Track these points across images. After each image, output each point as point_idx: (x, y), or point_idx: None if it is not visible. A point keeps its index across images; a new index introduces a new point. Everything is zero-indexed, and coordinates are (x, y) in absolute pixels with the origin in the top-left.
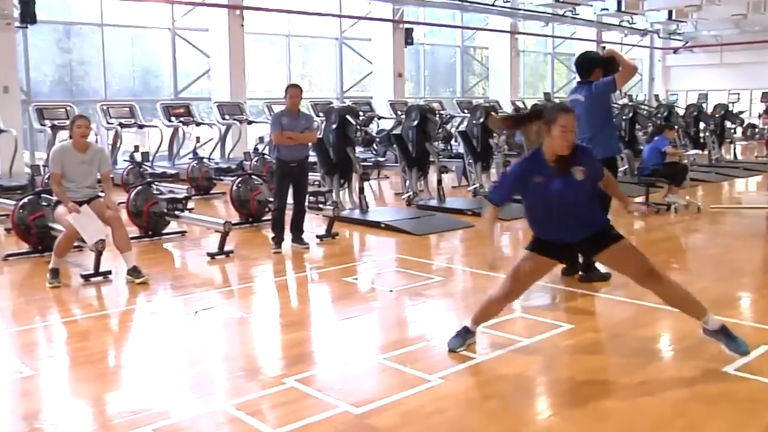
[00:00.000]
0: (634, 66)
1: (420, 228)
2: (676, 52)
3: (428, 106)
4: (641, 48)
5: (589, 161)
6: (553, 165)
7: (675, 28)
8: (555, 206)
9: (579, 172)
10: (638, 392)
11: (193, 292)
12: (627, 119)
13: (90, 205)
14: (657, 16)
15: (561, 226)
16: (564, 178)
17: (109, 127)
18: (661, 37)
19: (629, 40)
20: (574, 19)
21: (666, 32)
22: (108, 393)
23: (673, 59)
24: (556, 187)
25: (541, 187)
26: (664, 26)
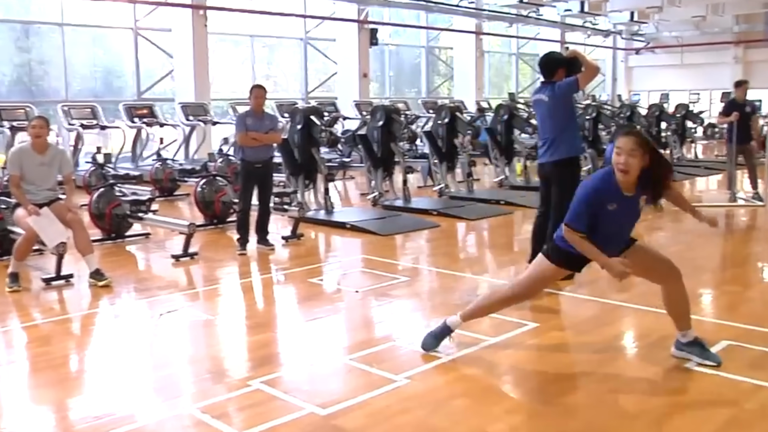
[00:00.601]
0: (596, 66)
1: (386, 228)
2: (638, 52)
3: (393, 107)
4: (604, 49)
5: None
6: (625, 192)
7: (637, 29)
8: (614, 229)
9: (643, 199)
10: (603, 389)
11: (157, 294)
12: (590, 119)
13: (50, 207)
14: (619, 17)
15: (609, 245)
16: (631, 205)
17: (71, 128)
18: (624, 38)
19: (592, 40)
20: (538, 20)
21: (628, 33)
22: (70, 398)
23: (635, 60)
24: (624, 213)
25: (612, 214)
26: (626, 27)
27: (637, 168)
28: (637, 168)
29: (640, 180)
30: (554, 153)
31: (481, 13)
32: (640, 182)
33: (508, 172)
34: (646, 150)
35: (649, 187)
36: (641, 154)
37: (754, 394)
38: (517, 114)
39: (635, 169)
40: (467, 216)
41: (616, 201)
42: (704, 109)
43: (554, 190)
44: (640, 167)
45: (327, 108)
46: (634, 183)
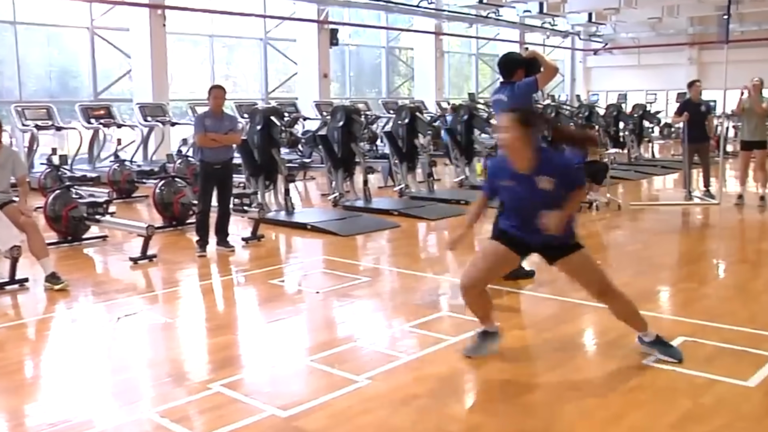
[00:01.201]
0: (555, 67)
1: (346, 229)
2: (596, 53)
3: (354, 107)
4: (563, 49)
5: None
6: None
7: (595, 30)
8: (523, 207)
9: (545, 181)
10: (562, 386)
11: (115, 297)
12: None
13: (3, 210)
14: (578, 18)
15: (525, 226)
16: (527, 183)
17: (25, 129)
18: (582, 39)
19: (551, 41)
20: (498, 20)
21: (586, 34)
22: (26, 405)
23: (593, 60)
24: (522, 190)
25: (509, 190)
26: (584, 28)
27: (516, 144)
28: (516, 144)
29: (542, 159)
30: None
31: (440, 13)
32: (542, 161)
33: (469, 172)
34: (520, 125)
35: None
36: (517, 130)
37: (710, 388)
38: (477, 114)
39: (514, 145)
40: (428, 216)
41: (509, 178)
42: (661, 109)
43: None
44: (523, 144)
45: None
46: (529, 161)
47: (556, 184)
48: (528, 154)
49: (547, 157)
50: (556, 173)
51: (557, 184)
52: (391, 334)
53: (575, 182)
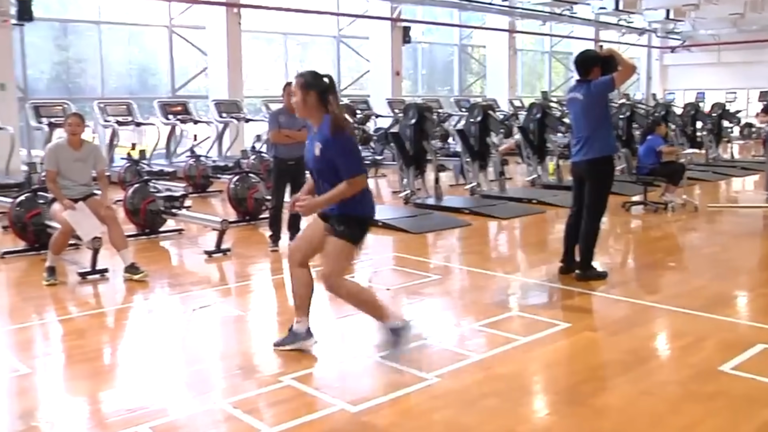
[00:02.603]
0: (633, 65)
1: (417, 226)
2: (673, 51)
3: (426, 105)
4: (639, 47)
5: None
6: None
7: (673, 27)
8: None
9: (317, 147)
10: (635, 390)
11: (190, 290)
12: (624, 118)
13: (86, 202)
14: (655, 15)
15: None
16: (313, 146)
17: (106, 125)
18: (659, 36)
19: (627, 38)
20: (572, 17)
21: (664, 31)
22: (104, 391)
23: (670, 58)
24: (310, 148)
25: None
26: (661, 25)
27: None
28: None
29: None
30: (588, 152)
31: (514, 11)
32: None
33: (541, 171)
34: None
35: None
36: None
37: None
38: (550, 113)
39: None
40: (499, 215)
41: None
42: (741, 109)
43: (587, 189)
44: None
45: (359, 106)
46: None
47: (322, 152)
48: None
49: (325, 126)
50: (323, 141)
51: (323, 152)
52: (460, 333)
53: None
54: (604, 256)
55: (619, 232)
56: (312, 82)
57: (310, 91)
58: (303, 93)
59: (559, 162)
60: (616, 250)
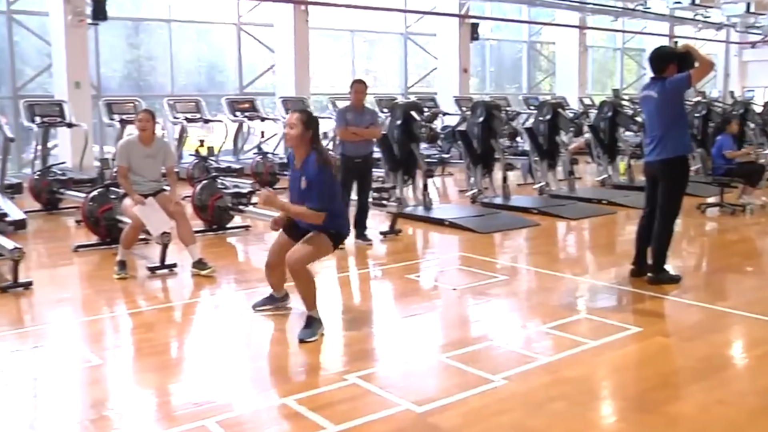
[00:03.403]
0: (711, 62)
1: (484, 226)
2: (753, 46)
3: (494, 103)
4: (716, 42)
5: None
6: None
7: (753, 21)
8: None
9: (303, 181)
10: (710, 399)
11: (256, 286)
12: (700, 117)
13: (155, 198)
14: (734, 9)
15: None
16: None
17: (176, 121)
18: (738, 31)
19: (703, 34)
20: (645, 13)
21: (743, 26)
22: (172, 384)
23: (750, 54)
24: (293, 179)
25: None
26: (741, 20)
27: (297, 139)
28: (297, 139)
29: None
30: (662, 151)
31: (585, 6)
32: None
33: (611, 171)
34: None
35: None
36: (302, 128)
37: None
38: (622, 111)
39: (295, 140)
40: (568, 215)
41: (292, 167)
42: None
43: (661, 190)
44: (302, 140)
45: (427, 103)
46: (301, 157)
47: (309, 185)
48: (302, 152)
49: (312, 160)
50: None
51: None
52: (527, 335)
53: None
54: (677, 260)
55: (694, 234)
56: (313, 121)
57: (310, 129)
58: (303, 128)
59: (630, 162)
60: (690, 253)
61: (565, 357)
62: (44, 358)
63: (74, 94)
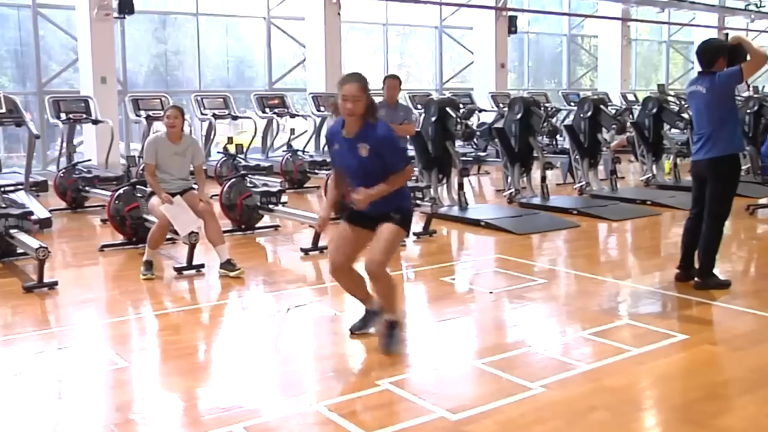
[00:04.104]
0: (764, 54)
1: (522, 227)
2: None
3: (532, 99)
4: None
5: (375, 139)
6: (345, 136)
7: None
8: (349, 175)
9: (363, 148)
10: (762, 412)
11: (285, 288)
12: (751, 113)
13: (183, 196)
14: None
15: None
16: (351, 151)
17: (203, 118)
18: None
19: (756, 25)
20: (693, 3)
21: None
22: (199, 388)
23: None
24: (346, 157)
25: (337, 155)
26: None
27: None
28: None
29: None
30: (711, 150)
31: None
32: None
33: (656, 170)
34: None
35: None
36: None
37: None
38: (667, 107)
39: (359, 111)
40: (610, 216)
41: (339, 142)
42: None
43: (709, 191)
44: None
45: (462, 99)
46: (356, 125)
47: (373, 152)
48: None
49: (371, 125)
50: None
51: (374, 151)
52: (566, 341)
53: (395, 160)
54: (725, 264)
55: (743, 237)
56: (367, 89)
57: (369, 95)
58: (367, 97)
59: (676, 160)
60: (740, 257)
61: (607, 365)
62: (69, 359)
63: (100, 89)
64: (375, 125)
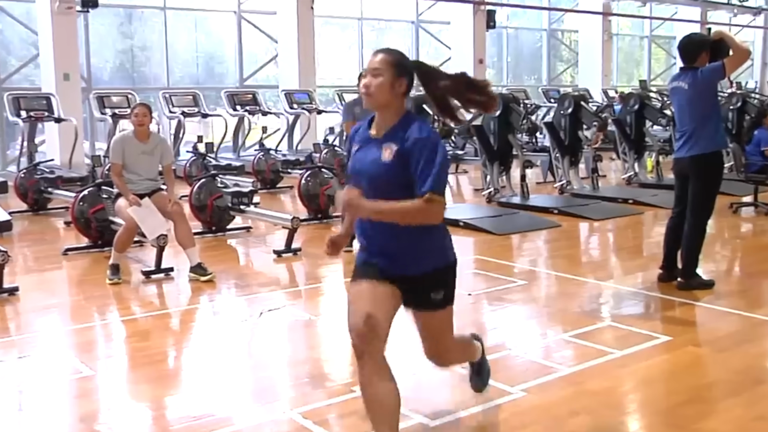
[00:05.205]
0: (747, 50)
1: (501, 227)
2: None
3: (511, 96)
4: (753, 29)
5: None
6: (373, 135)
7: None
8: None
9: (387, 150)
10: (747, 415)
11: (258, 291)
12: (734, 109)
13: (152, 198)
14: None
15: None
16: (373, 150)
17: (172, 116)
18: None
19: (739, 20)
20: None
21: None
22: (168, 396)
23: None
24: (363, 161)
25: (354, 160)
26: None
27: (384, 93)
28: (384, 93)
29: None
30: (693, 147)
31: None
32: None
33: (638, 168)
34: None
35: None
36: (393, 75)
37: None
38: (649, 104)
39: (382, 93)
40: (591, 216)
41: (360, 141)
42: None
43: (692, 188)
44: (392, 94)
45: None
46: (389, 121)
47: (399, 156)
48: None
49: (409, 121)
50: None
51: (400, 156)
52: (547, 344)
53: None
54: (709, 263)
55: (727, 236)
56: (407, 66)
57: (403, 77)
58: (393, 75)
59: (658, 158)
60: (723, 256)
61: (589, 368)
62: (31, 368)
63: (63, 86)
64: (414, 121)
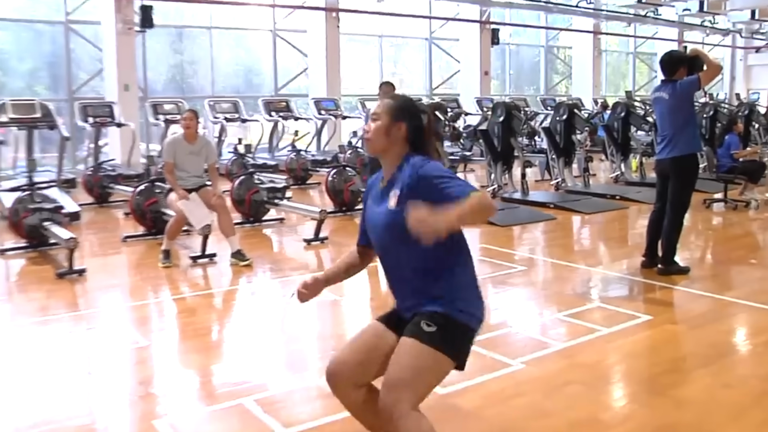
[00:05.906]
0: (719, 65)
1: (504, 219)
2: (758, 51)
3: (513, 103)
4: (723, 47)
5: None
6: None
7: (757, 27)
8: (375, 249)
9: (393, 197)
10: (716, 383)
11: (289, 275)
12: (708, 117)
13: (198, 192)
14: (739, 16)
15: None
16: (382, 201)
17: (216, 121)
18: (744, 37)
19: (711, 39)
20: (656, 19)
21: (748, 32)
22: (212, 365)
23: (754, 58)
24: (372, 217)
25: (366, 217)
26: (746, 26)
27: (381, 138)
28: (381, 138)
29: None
30: (673, 149)
31: (599, 13)
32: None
33: (624, 168)
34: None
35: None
36: (389, 120)
37: None
38: (634, 112)
39: (378, 138)
40: (583, 210)
41: (372, 197)
42: None
43: (671, 186)
44: (389, 139)
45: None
46: (393, 165)
47: (400, 200)
48: (394, 158)
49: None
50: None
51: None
52: (544, 322)
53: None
54: (685, 252)
55: (701, 228)
56: (408, 111)
57: (401, 122)
58: (390, 120)
59: (642, 159)
60: (698, 246)
61: (580, 343)
62: (97, 339)
63: (123, 96)
64: (408, 159)
